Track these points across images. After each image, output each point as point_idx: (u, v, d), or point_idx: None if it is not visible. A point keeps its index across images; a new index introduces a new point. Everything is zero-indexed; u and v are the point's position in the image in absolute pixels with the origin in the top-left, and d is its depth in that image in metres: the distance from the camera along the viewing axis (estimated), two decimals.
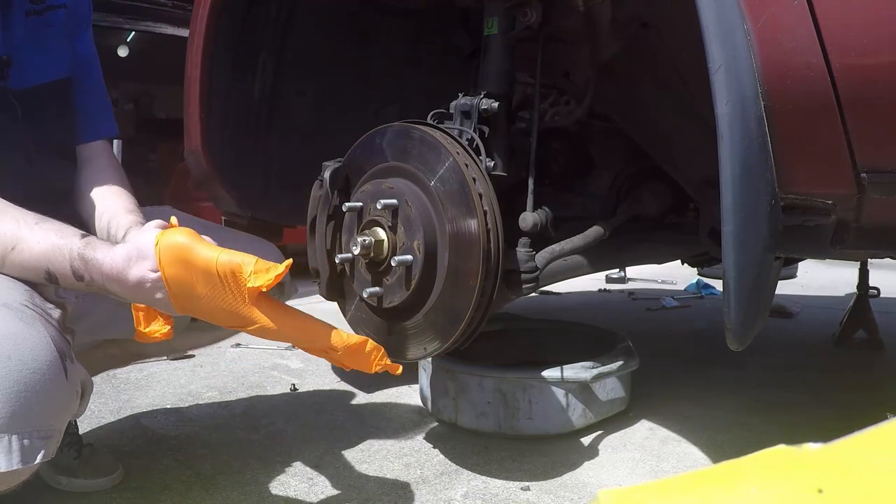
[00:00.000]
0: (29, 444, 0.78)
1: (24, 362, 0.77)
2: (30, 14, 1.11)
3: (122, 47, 7.51)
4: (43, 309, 0.85)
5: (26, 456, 0.77)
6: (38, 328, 0.81)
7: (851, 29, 0.81)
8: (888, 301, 2.85)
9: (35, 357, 0.78)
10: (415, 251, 1.09)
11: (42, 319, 0.83)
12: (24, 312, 0.81)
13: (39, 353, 0.78)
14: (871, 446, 0.40)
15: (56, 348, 0.81)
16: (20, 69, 1.08)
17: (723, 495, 0.37)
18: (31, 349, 0.78)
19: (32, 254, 0.87)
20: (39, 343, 0.79)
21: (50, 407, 0.80)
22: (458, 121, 1.24)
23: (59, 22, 1.15)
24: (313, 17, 1.61)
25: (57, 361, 0.80)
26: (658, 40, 1.27)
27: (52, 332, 0.82)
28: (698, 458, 1.44)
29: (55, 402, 0.81)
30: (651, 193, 1.62)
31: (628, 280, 3.98)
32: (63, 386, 0.81)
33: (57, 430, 0.82)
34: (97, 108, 1.23)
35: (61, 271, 0.87)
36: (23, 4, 1.10)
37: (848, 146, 0.86)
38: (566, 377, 1.45)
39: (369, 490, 1.26)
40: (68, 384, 0.82)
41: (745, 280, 0.91)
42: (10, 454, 0.76)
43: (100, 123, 1.24)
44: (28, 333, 0.79)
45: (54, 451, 0.82)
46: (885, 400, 1.79)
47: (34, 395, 0.77)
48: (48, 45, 1.13)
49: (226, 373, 2.00)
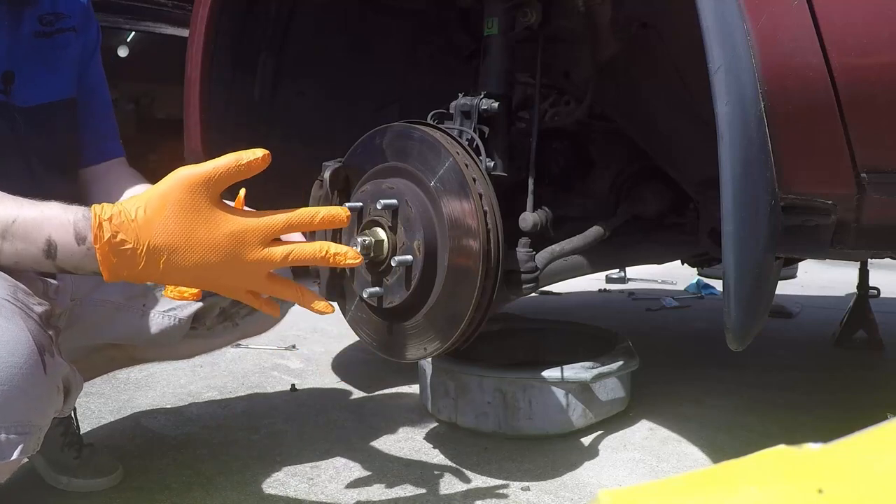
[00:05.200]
0: (5, 438, 0.76)
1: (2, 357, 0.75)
2: (38, 35, 1.12)
3: (122, 47, 7.50)
4: (25, 303, 0.82)
5: (4, 452, 0.76)
6: (17, 322, 0.78)
7: (851, 29, 0.81)
8: (888, 301, 2.85)
9: (11, 351, 0.76)
10: (415, 251, 1.09)
11: (22, 313, 0.80)
12: (4, 307, 0.79)
13: (16, 347, 0.76)
14: (871, 446, 0.40)
15: (35, 342, 0.79)
16: (24, 86, 1.09)
17: (723, 495, 0.37)
18: (6, 343, 0.76)
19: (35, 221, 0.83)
20: (16, 337, 0.77)
21: (28, 402, 0.78)
22: (458, 121, 1.24)
23: (67, 44, 1.17)
24: (313, 18, 1.61)
25: (35, 355, 0.78)
26: (658, 40, 1.27)
27: (31, 325, 0.80)
28: (698, 458, 1.44)
29: (33, 398, 0.79)
30: (651, 193, 1.62)
31: (628, 280, 3.97)
32: (41, 380, 0.79)
33: (37, 425, 0.80)
34: (105, 131, 1.25)
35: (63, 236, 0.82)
36: (33, 24, 1.11)
37: (848, 146, 0.86)
38: (566, 377, 1.45)
39: (369, 490, 1.26)
40: (47, 378, 0.80)
41: (745, 280, 0.91)
42: None
43: (107, 145, 1.25)
44: (5, 327, 0.77)
45: (35, 447, 0.80)
46: (885, 400, 1.79)
47: (9, 389, 0.75)
48: (55, 65, 1.14)
49: (226, 373, 2.00)
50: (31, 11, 1.12)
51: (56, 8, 1.16)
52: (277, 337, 2.40)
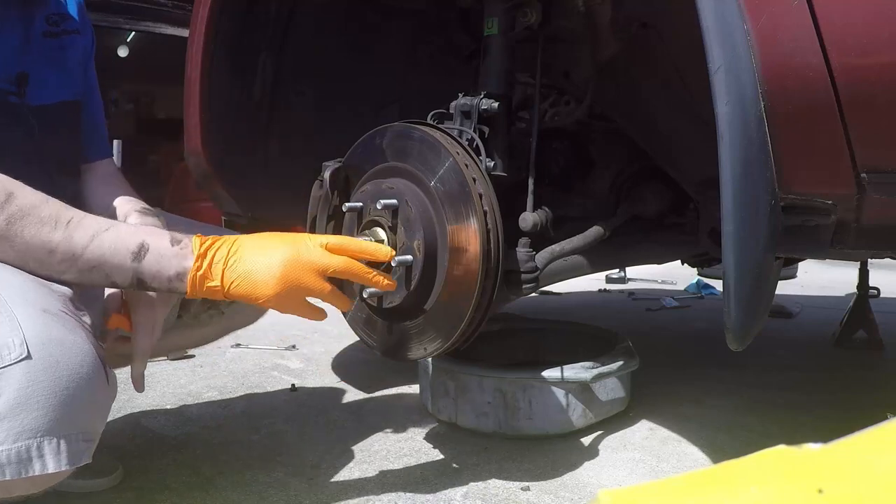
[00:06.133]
0: (76, 446, 0.81)
1: (72, 368, 0.80)
2: (46, 35, 1.14)
3: (122, 47, 7.51)
4: (77, 315, 0.88)
5: (73, 458, 0.81)
6: (80, 334, 0.84)
7: (851, 29, 0.81)
8: (888, 301, 2.85)
9: (82, 363, 0.81)
10: (415, 251, 1.09)
11: (81, 326, 0.86)
12: (65, 319, 0.84)
13: (85, 359, 0.82)
14: (871, 446, 0.40)
15: (97, 354, 0.84)
16: (37, 87, 1.11)
17: (723, 495, 0.37)
18: (77, 355, 0.81)
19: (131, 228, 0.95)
20: (84, 349, 0.82)
21: (94, 411, 0.85)
22: (458, 121, 1.24)
23: (73, 46, 1.19)
24: (313, 18, 1.61)
25: (100, 367, 0.84)
26: (658, 40, 1.27)
27: (90, 338, 0.85)
28: (698, 458, 1.44)
29: (98, 407, 0.85)
30: (651, 193, 1.62)
31: (628, 280, 3.97)
32: (105, 390, 0.85)
33: (97, 432, 0.86)
34: (102, 131, 1.30)
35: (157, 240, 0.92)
36: (41, 24, 1.13)
37: (848, 146, 0.86)
38: (566, 377, 1.45)
39: (369, 490, 1.26)
40: (109, 388, 0.86)
41: (745, 280, 0.91)
42: (59, 456, 0.80)
43: (101, 144, 1.30)
44: (73, 340, 0.82)
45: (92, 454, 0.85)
46: (885, 400, 1.79)
47: (81, 399, 0.81)
48: (64, 66, 1.17)
49: (226, 373, 2.00)
50: (40, 11, 1.13)
51: (60, 8, 1.18)
52: (277, 337, 2.40)
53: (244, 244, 0.95)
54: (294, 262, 0.93)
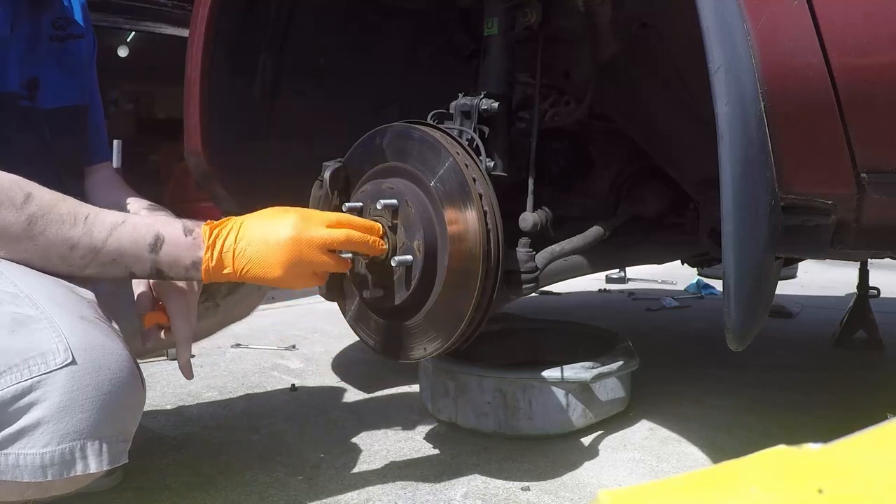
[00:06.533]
0: (116, 447, 0.84)
1: (112, 372, 0.83)
2: (53, 39, 1.16)
3: (122, 47, 7.50)
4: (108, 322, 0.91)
5: (113, 458, 0.84)
6: (115, 340, 0.87)
7: (851, 29, 0.81)
8: (888, 301, 2.85)
9: (120, 367, 0.84)
10: (415, 251, 1.09)
11: (115, 332, 0.90)
12: (101, 325, 0.88)
13: (123, 364, 0.85)
14: (871, 446, 0.40)
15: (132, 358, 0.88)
16: (47, 90, 1.13)
17: (723, 495, 0.37)
18: (116, 360, 0.84)
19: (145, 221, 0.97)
20: (122, 354, 0.86)
21: (131, 413, 0.88)
22: (458, 121, 1.24)
23: (78, 50, 1.21)
24: (313, 18, 1.61)
25: (135, 371, 0.87)
26: (658, 40, 1.27)
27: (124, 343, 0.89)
28: (698, 458, 1.44)
29: (135, 409, 0.89)
30: (651, 193, 1.62)
31: (628, 280, 3.97)
32: (140, 393, 0.89)
33: (132, 433, 0.89)
34: (103, 134, 1.33)
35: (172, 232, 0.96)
36: (48, 28, 1.15)
37: (848, 146, 0.86)
38: (566, 377, 1.45)
39: (369, 490, 1.26)
40: (143, 391, 0.90)
41: (745, 280, 0.91)
42: (101, 457, 0.82)
43: (103, 147, 1.33)
44: (112, 346, 0.85)
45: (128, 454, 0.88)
46: (885, 400, 1.79)
47: (120, 402, 0.84)
48: (71, 69, 1.19)
49: (226, 373, 2.00)
50: (47, 15, 1.15)
51: (66, 12, 1.19)
52: (277, 337, 2.40)
53: (249, 228, 0.99)
54: (298, 241, 0.98)
